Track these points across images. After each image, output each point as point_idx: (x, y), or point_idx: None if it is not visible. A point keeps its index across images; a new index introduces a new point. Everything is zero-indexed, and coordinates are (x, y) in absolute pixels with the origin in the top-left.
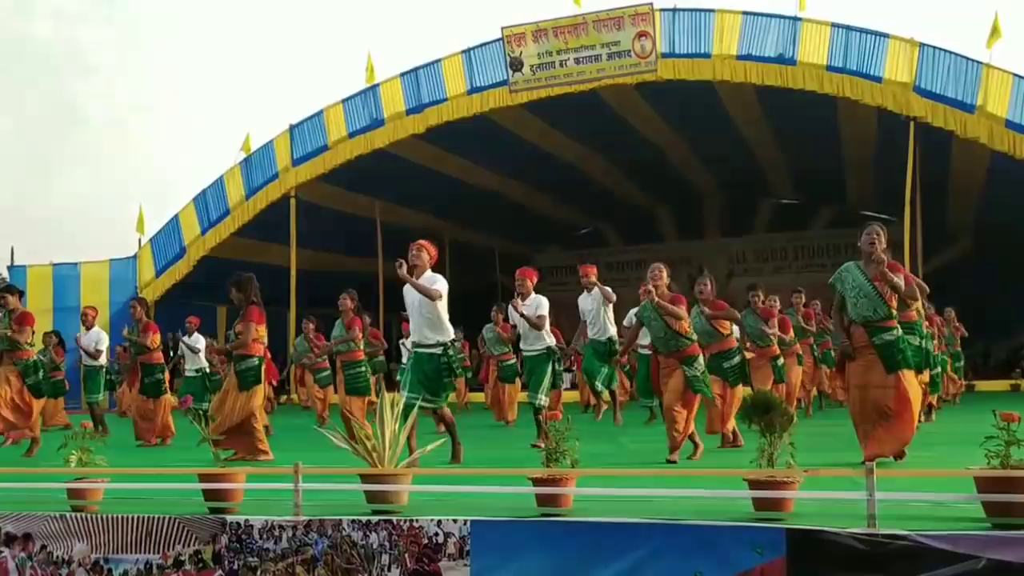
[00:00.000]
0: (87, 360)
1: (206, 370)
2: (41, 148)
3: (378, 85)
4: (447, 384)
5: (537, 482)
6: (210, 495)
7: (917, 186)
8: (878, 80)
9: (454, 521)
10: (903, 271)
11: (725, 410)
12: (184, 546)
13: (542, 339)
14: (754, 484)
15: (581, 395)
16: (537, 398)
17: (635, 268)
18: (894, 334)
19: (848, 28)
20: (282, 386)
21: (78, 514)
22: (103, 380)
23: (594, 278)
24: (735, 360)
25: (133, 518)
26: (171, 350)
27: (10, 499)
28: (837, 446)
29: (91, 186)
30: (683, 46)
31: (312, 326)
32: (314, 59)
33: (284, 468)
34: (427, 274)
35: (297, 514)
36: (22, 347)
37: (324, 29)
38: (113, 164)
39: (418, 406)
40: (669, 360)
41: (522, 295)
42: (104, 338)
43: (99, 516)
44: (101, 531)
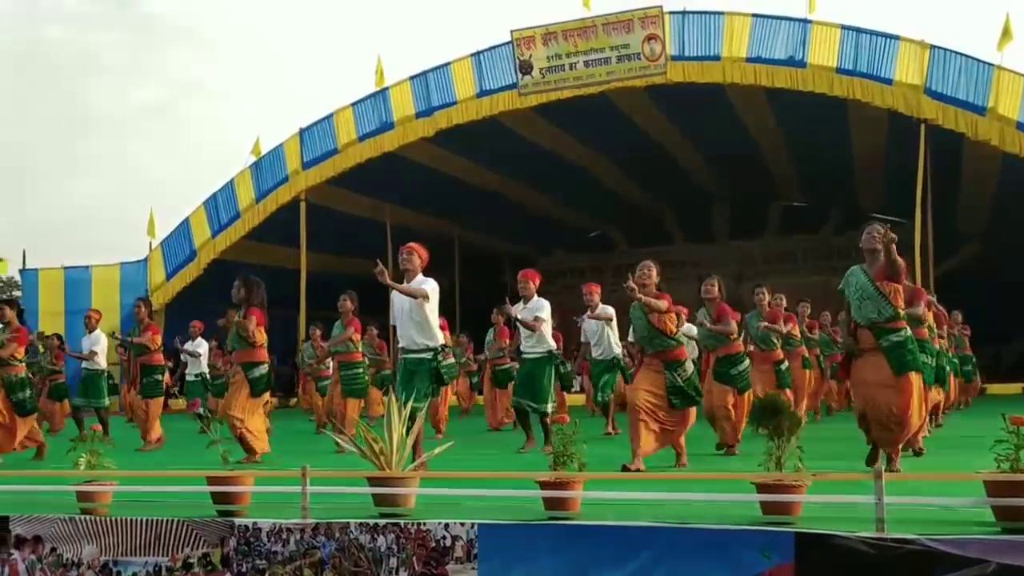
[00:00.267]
0: (86, 364)
1: (206, 375)
2: (53, 151)
3: (388, 88)
4: (431, 389)
5: (545, 485)
6: (218, 498)
7: (928, 188)
8: (888, 82)
9: (462, 524)
10: (922, 295)
11: (737, 418)
12: (193, 549)
13: (544, 342)
14: (762, 488)
15: (588, 399)
16: (542, 407)
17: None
18: (902, 335)
19: (858, 30)
20: (290, 390)
21: (87, 516)
22: (105, 384)
23: (597, 298)
24: (742, 366)
25: (142, 521)
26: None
27: (20, 501)
28: (845, 450)
29: (103, 190)
30: (693, 48)
31: (319, 332)
32: (324, 63)
33: (292, 471)
34: (418, 277)
35: (305, 517)
36: (11, 363)
37: (334, 33)
38: (124, 167)
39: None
40: (653, 361)
41: (525, 297)
42: (100, 340)
43: (108, 519)
44: (110, 533)
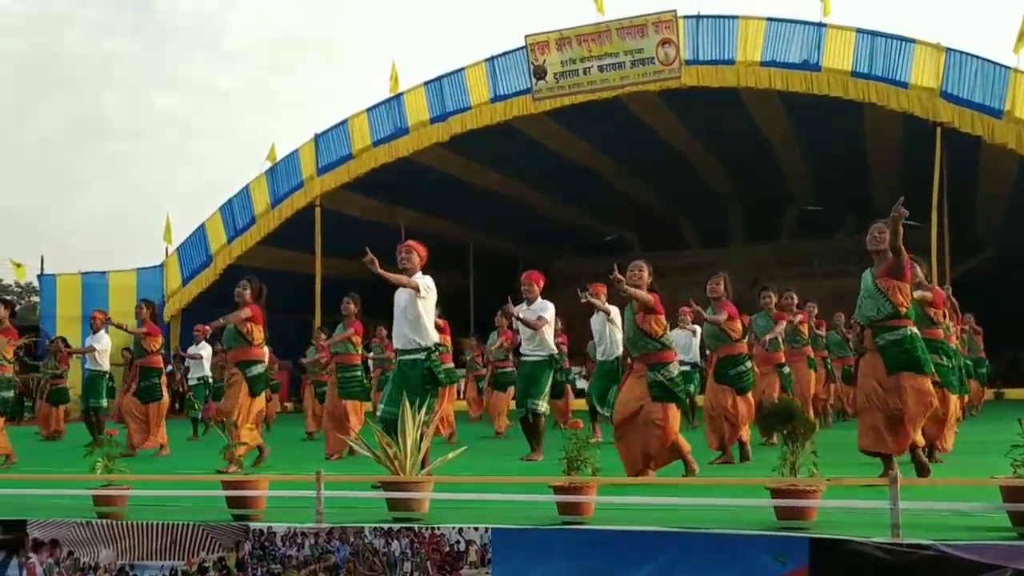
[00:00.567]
0: (90, 365)
1: (208, 379)
2: (70, 158)
3: (402, 94)
4: (428, 392)
5: (558, 490)
6: (233, 502)
7: (944, 192)
8: (904, 86)
9: (475, 529)
10: (939, 295)
11: (739, 419)
12: (208, 553)
13: (545, 345)
14: (776, 493)
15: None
16: (536, 404)
17: (659, 277)
18: (899, 333)
19: (873, 34)
20: (290, 394)
21: (104, 521)
22: (104, 386)
23: (603, 297)
24: (743, 367)
25: (158, 525)
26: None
27: (38, 505)
28: (859, 455)
29: (120, 196)
30: (707, 53)
31: (324, 336)
32: (339, 69)
33: (306, 476)
34: (416, 276)
35: (319, 521)
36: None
37: (348, 39)
38: (141, 174)
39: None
40: (639, 366)
41: (528, 300)
42: (103, 340)
43: (124, 523)
44: (126, 538)
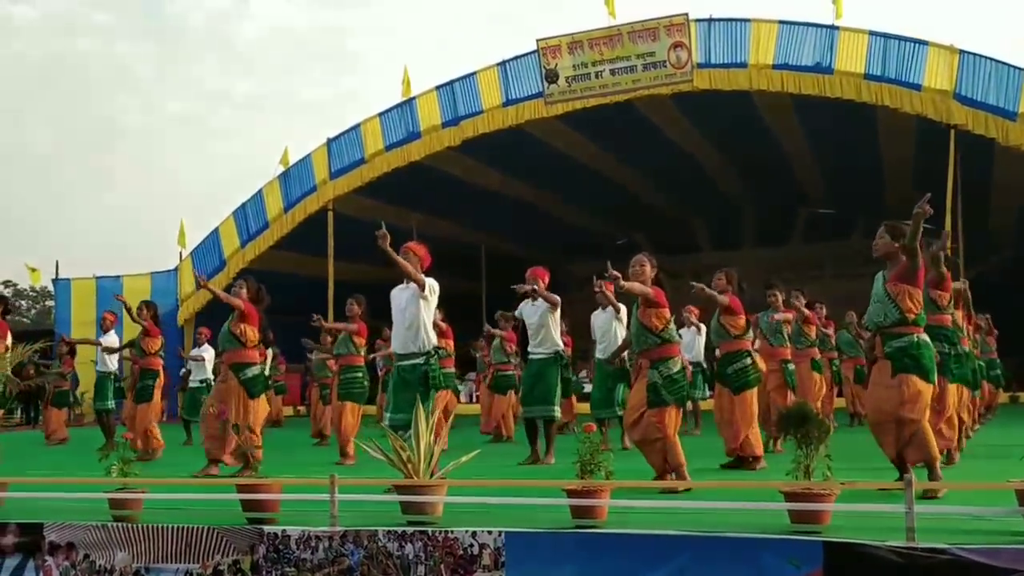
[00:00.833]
0: (99, 366)
1: (211, 381)
2: (85, 163)
3: (414, 98)
4: (424, 395)
5: (572, 494)
6: (248, 506)
7: (958, 194)
8: (917, 88)
9: (489, 532)
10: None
11: (733, 421)
12: (223, 556)
13: (549, 341)
14: (790, 496)
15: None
16: (551, 410)
17: (670, 279)
18: (906, 340)
19: (886, 36)
20: (302, 398)
21: (119, 524)
22: (111, 387)
23: (610, 294)
24: (739, 363)
25: (173, 528)
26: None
27: (54, 508)
28: (875, 458)
29: (134, 200)
30: (719, 56)
31: (330, 340)
32: (351, 73)
33: (320, 479)
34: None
35: (333, 525)
36: None
37: (360, 44)
38: (155, 178)
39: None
40: (643, 362)
41: (533, 296)
42: (109, 339)
43: (140, 526)
44: (142, 541)
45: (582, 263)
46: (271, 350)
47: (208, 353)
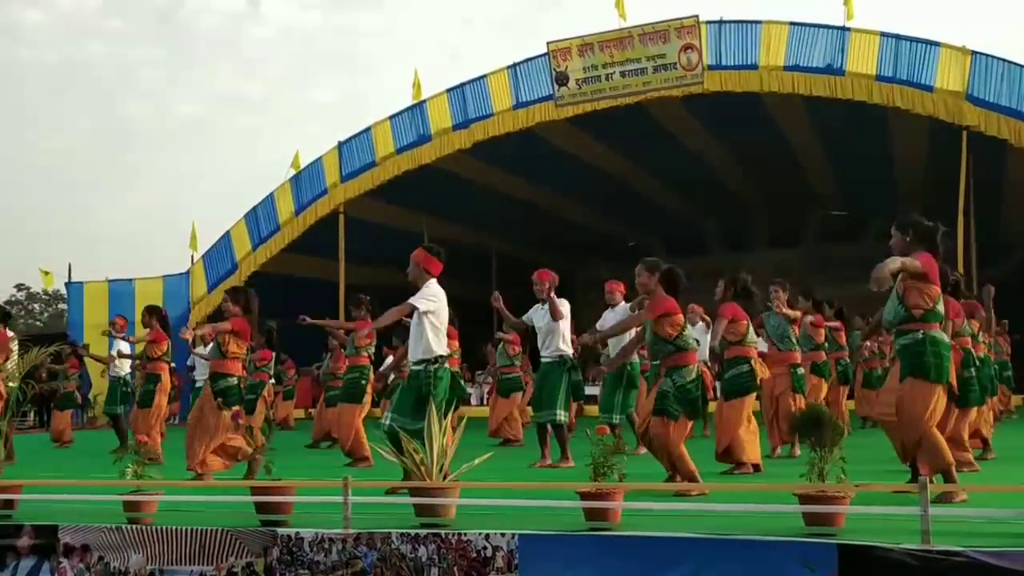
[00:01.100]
0: (110, 371)
1: None
2: (97, 167)
3: (425, 101)
4: (419, 403)
5: (585, 496)
6: (262, 508)
7: (970, 196)
8: (929, 89)
9: (502, 535)
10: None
11: (720, 428)
12: (237, 558)
13: (556, 344)
14: (804, 499)
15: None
16: (554, 415)
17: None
18: (911, 337)
19: (898, 37)
20: (313, 402)
21: (134, 526)
22: (119, 392)
23: (619, 296)
24: (734, 370)
25: (187, 530)
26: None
27: (69, 511)
28: (890, 461)
29: (146, 204)
30: (729, 58)
31: (338, 343)
32: (362, 77)
33: (334, 481)
34: (423, 288)
35: (347, 527)
36: None
37: (371, 47)
38: (167, 182)
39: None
40: (661, 371)
41: (542, 300)
42: (120, 344)
43: (154, 528)
44: (156, 543)
45: (593, 265)
46: (275, 354)
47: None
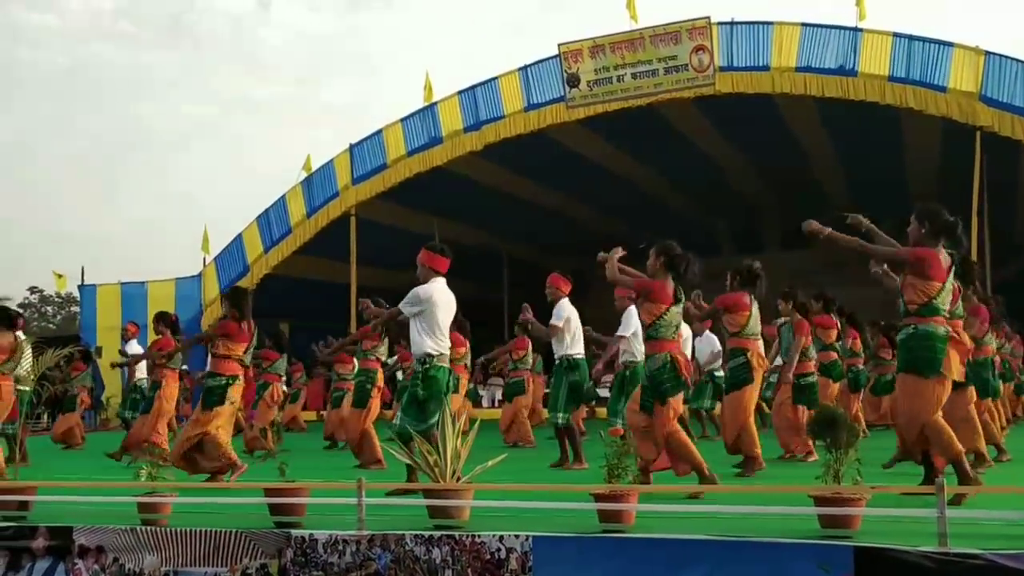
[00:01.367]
0: (124, 376)
1: None
2: (109, 170)
3: (436, 104)
4: (413, 403)
5: (599, 498)
6: (276, 509)
7: (984, 197)
8: (942, 90)
9: (516, 537)
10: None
11: (725, 421)
12: (251, 559)
13: (559, 348)
14: (820, 501)
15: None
16: (555, 416)
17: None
18: (905, 332)
19: (911, 38)
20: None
21: (148, 527)
22: (129, 396)
23: (628, 301)
24: (733, 361)
25: (201, 532)
26: None
27: (84, 512)
28: (905, 463)
29: (158, 207)
30: (741, 59)
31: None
32: (373, 79)
33: (348, 483)
34: (418, 288)
35: (361, 529)
36: None
37: (382, 50)
38: (178, 185)
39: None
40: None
41: (554, 303)
42: (132, 349)
43: (168, 529)
44: (170, 544)
45: (603, 267)
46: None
47: None
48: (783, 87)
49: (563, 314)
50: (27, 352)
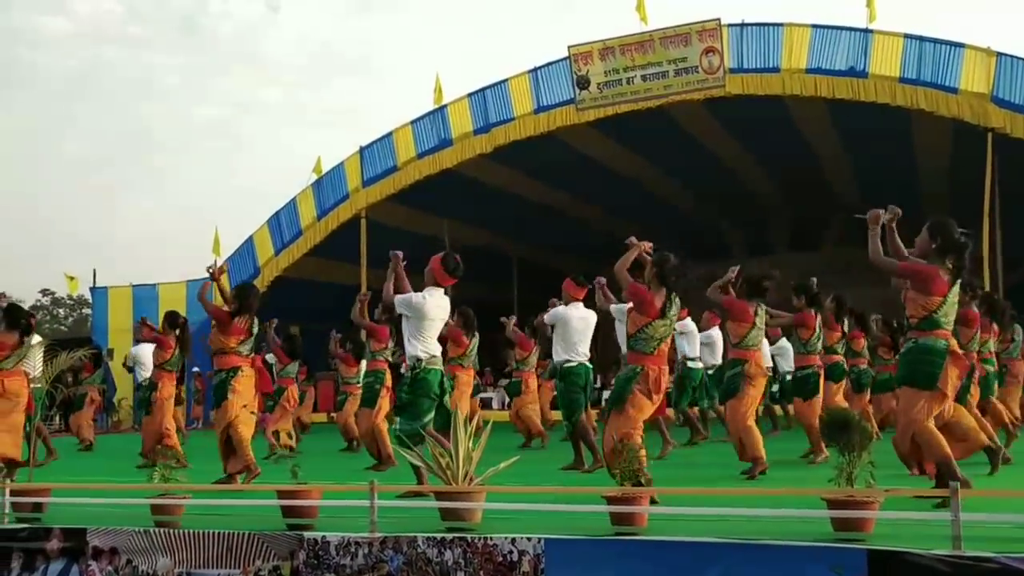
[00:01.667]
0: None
1: None
2: (121, 172)
3: (446, 106)
4: (402, 404)
5: (612, 500)
6: (288, 511)
7: (995, 199)
8: (954, 91)
9: (528, 539)
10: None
11: (729, 429)
12: (263, 561)
13: (554, 356)
14: (833, 504)
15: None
16: (564, 421)
17: (705, 285)
18: (907, 346)
19: (921, 39)
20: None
21: (161, 529)
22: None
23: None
24: (729, 371)
25: (214, 534)
26: None
27: (98, 514)
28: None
29: (168, 209)
30: (751, 61)
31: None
32: (382, 82)
33: (360, 485)
34: (413, 293)
35: (373, 531)
36: None
37: (391, 52)
38: (189, 187)
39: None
40: None
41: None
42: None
43: (181, 531)
44: (183, 546)
45: (612, 269)
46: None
47: None
48: (793, 89)
49: (556, 316)
50: (38, 355)
